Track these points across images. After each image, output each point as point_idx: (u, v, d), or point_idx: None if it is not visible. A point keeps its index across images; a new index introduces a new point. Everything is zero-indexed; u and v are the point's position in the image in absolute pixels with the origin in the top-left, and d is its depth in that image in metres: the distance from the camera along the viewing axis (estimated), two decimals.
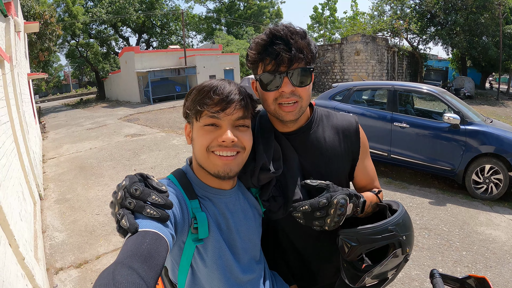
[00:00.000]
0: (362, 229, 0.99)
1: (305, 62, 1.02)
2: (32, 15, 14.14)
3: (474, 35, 19.98)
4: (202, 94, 0.92)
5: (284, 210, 1.10)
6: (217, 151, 0.92)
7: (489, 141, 4.79)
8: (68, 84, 52.19)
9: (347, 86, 6.47)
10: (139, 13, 31.15)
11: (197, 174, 1.00)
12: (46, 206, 5.35)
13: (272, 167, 1.07)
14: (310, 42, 1.04)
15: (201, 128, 0.93)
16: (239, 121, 0.95)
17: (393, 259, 1.00)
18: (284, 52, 0.97)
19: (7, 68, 4.24)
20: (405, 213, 1.07)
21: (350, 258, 1.03)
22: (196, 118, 0.94)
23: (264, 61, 1.02)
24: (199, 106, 0.91)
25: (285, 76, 1.01)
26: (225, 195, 1.01)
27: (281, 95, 1.03)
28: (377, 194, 1.15)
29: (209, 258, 0.92)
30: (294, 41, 0.98)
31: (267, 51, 1.00)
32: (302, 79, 1.03)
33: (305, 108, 1.10)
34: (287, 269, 1.26)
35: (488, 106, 15.52)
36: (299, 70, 1.01)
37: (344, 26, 28.58)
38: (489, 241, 3.76)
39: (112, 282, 0.57)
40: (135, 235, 0.70)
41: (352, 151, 1.21)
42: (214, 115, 0.91)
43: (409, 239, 1.03)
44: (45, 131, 13.36)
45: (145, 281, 0.60)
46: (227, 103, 0.91)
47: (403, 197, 5.02)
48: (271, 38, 1.00)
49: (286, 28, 1.00)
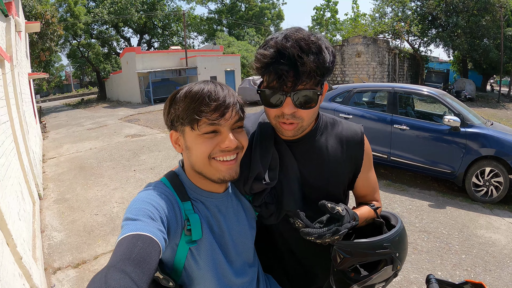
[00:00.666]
0: (357, 243, 0.98)
1: (314, 82, 0.94)
2: (34, 15, 14.16)
3: (475, 38, 19.98)
4: (197, 101, 0.87)
5: (276, 217, 1.08)
6: (219, 157, 0.91)
7: (490, 144, 4.77)
8: (69, 84, 52.21)
9: (347, 88, 6.47)
10: (141, 14, 31.19)
11: (189, 177, 0.99)
12: (45, 206, 5.35)
13: (267, 177, 1.04)
14: (325, 58, 0.91)
15: (199, 136, 0.89)
16: (237, 124, 0.93)
17: (382, 274, 1.00)
18: (287, 75, 0.90)
19: (7, 67, 4.24)
20: (403, 230, 1.05)
21: (342, 268, 1.02)
22: (192, 127, 0.89)
23: (268, 77, 0.96)
24: (196, 115, 0.86)
25: (288, 97, 0.94)
26: (217, 198, 1.00)
27: (282, 115, 0.98)
28: (375, 210, 1.11)
29: (202, 260, 0.92)
30: (302, 62, 0.88)
31: (269, 70, 0.92)
32: (307, 101, 0.96)
33: (306, 127, 1.04)
34: (282, 272, 1.25)
35: (489, 108, 15.51)
36: (305, 92, 0.94)
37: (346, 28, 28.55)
38: (489, 245, 3.74)
39: (105, 286, 0.57)
40: (128, 237, 0.70)
41: (356, 162, 1.16)
42: (214, 122, 0.88)
43: (402, 256, 1.03)
44: (45, 130, 13.37)
45: (138, 285, 0.60)
46: (226, 108, 0.88)
47: (402, 200, 5.00)
48: (276, 55, 0.90)
49: (295, 44, 0.89)
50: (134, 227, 0.73)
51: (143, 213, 0.78)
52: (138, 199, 0.84)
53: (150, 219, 0.78)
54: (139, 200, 0.84)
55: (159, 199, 0.86)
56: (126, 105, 22.56)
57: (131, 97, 24.61)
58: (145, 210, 0.80)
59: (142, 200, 0.84)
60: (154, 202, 0.83)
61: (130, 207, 0.81)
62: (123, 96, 26.37)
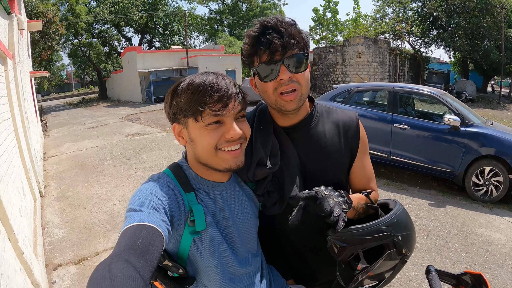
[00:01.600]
0: (351, 229, 0.95)
1: (298, 48, 1.02)
2: (36, 13, 14.20)
3: (476, 39, 19.97)
4: (200, 92, 0.88)
5: (279, 206, 1.09)
6: (224, 147, 0.92)
7: (489, 143, 4.78)
8: (70, 83, 52.30)
9: (348, 87, 6.48)
10: (142, 13, 31.22)
11: (193, 168, 1.00)
12: (46, 203, 5.37)
13: (269, 162, 1.06)
14: (301, 30, 1.04)
15: (203, 128, 0.90)
16: (240, 113, 0.95)
17: (387, 260, 0.97)
18: (277, 40, 0.98)
19: (9, 65, 4.26)
20: (402, 211, 1.02)
21: (341, 258, 1.00)
22: (195, 119, 0.90)
23: (259, 53, 1.02)
24: (199, 106, 0.88)
25: (282, 64, 1.00)
26: (221, 187, 1.01)
27: (280, 84, 1.03)
28: (367, 195, 1.10)
29: (206, 250, 0.92)
30: (285, 29, 0.99)
31: (260, 42, 1.00)
32: (298, 65, 1.03)
33: (305, 96, 1.09)
34: (285, 264, 1.25)
35: (489, 109, 15.51)
36: (294, 57, 1.01)
37: (347, 29, 28.53)
38: (488, 243, 3.75)
39: (109, 275, 0.58)
40: (132, 228, 0.71)
41: (351, 146, 1.18)
42: (218, 113, 0.89)
43: (406, 239, 0.98)
44: (46, 129, 13.38)
45: (141, 274, 0.61)
46: (228, 98, 0.90)
47: (402, 199, 5.01)
48: (262, 29, 1.00)
49: (275, 18, 1.01)
50: (137, 217, 0.74)
51: (146, 204, 0.79)
52: (141, 190, 0.85)
53: (153, 210, 0.78)
54: (142, 191, 0.84)
55: (163, 190, 0.86)
56: (127, 105, 22.57)
57: (132, 96, 24.63)
58: (149, 201, 0.80)
59: (146, 191, 0.84)
60: (158, 193, 0.84)
61: (134, 198, 0.82)
62: (124, 96, 26.39)
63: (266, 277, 1.13)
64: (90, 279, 0.59)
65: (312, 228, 1.15)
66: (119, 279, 0.57)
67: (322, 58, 20.75)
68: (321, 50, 21.04)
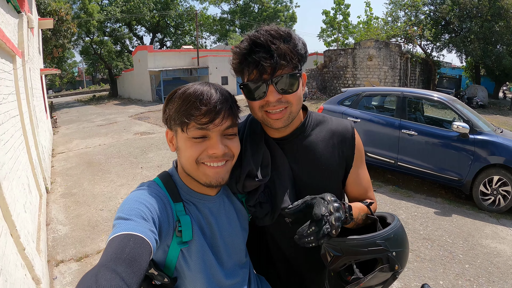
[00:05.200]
0: (348, 240, 0.93)
1: (291, 67, 0.96)
2: (49, 12, 14.40)
3: (489, 44, 19.66)
4: (188, 104, 0.86)
5: (270, 217, 1.07)
6: (207, 161, 0.90)
7: (499, 152, 4.69)
8: (81, 80, 52.96)
9: (356, 91, 6.43)
10: (154, 13, 31.44)
11: (182, 178, 0.99)
12: (52, 200, 5.43)
13: (259, 174, 1.03)
14: (296, 44, 0.97)
15: (188, 139, 0.89)
16: (228, 130, 0.92)
17: (379, 274, 0.94)
18: (265, 61, 0.91)
19: (18, 63, 4.31)
20: (399, 227, 1.00)
21: (333, 268, 0.98)
22: (182, 129, 0.89)
23: (246, 71, 0.97)
24: (185, 118, 0.86)
25: (270, 84, 0.95)
26: (209, 200, 1.00)
27: (267, 103, 0.98)
28: (368, 206, 1.07)
29: (193, 261, 0.92)
30: (275, 47, 0.92)
31: (247, 61, 0.94)
32: (289, 86, 0.97)
33: (295, 113, 1.04)
34: (275, 273, 1.24)
35: (500, 116, 15.25)
36: (285, 77, 0.95)
37: (358, 31, 28.31)
38: (494, 255, 3.68)
39: (95, 285, 0.57)
40: (120, 237, 0.70)
41: (346, 157, 1.15)
42: (202, 127, 0.87)
43: (400, 256, 0.96)
44: (56, 125, 13.56)
45: (128, 285, 0.60)
46: (216, 114, 0.87)
47: (408, 206, 4.95)
48: (251, 46, 0.94)
49: (266, 33, 0.93)
50: (126, 226, 0.73)
51: (135, 213, 0.78)
52: (130, 199, 0.84)
53: (142, 219, 0.78)
54: (131, 199, 0.84)
55: (152, 199, 0.86)
56: (137, 103, 22.76)
57: (142, 95, 24.83)
58: (138, 210, 0.80)
59: (135, 200, 0.84)
60: (147, 202, 0.83)
61: (123, 206, 0.81)
62: (134, 94, 26.61)
63: (254, 287, 1.12)
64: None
65: None
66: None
67: (332, 60, 20.62)
68: (332, 52, 20.92)
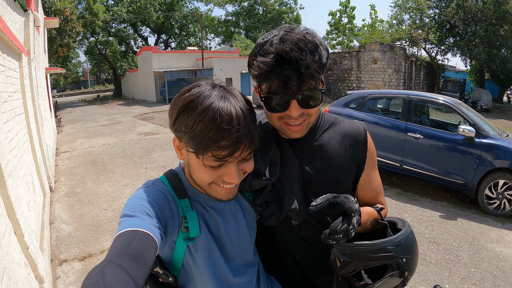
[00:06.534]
0: (358, 245, 0.91)
1: (316, 81, 0.91)
2: (54, 11, 14.46)
3: (493, 47, 19.56)
4: (206, 133, 0.78)
5: (276, 217, 1.04)
6: (220, 184, 0.88)
7: (504, 156, 4.65)
8: (86, 80, 53.24)
9: (362, 94, 6.41)
10: (159, 14, 31.56)
11: (188, 179, 0.97)
12: (56, 199, 5.44)
13: (267, 173, 1.01)
14: (322, 55, 0.91)
15: (202, 165, 0.84)
16: (247, 157, 0.88)
17: (388, 281, 0.93)
18: (294, 80, 0.87)
19: (24, 61, 4.32)
20: (410, 234, 0.98)
21: (342, 273, 0.96)
22: (197, 156, 0.83)
23: (271, 83, 0.90)
24: (202, 148, 0.80)
25: (293, 99, 0.91)
26: (215, 201, 0.98)
27: (288, 117, 0.95)
28: (379, 211, 1.04)
29: (200, 257, 0.91)
30: (305, 63, 0.85)
31: (272, 75, 0.88)
32: (312, 101, 0.94)
33: (313, 123, 1.02)
34: (284, 274, 1.21)
35: (505, 120, 15.16)
36: (309, 92, 0.91)
37: (363, 34, 28.28)
38: (499, 259, 3.64)
39: (102, 280, 0.57)
40: (125, 233, 0.70)
41: (358, 159, 1.12)
42: (221, 160, 0.82)
43: (410, 263, 0.94)
44: (60, 125, 13.61)
45: (135, 280, 0.60)
46: (237, 148, 0.81)
47: (413, 209, 4.92)
48: (278, 61, 0.86)
49: (295, 46, 0.86)
50: (131, 223, 0.74)
51: (140, 209, 0.79)
52: (135, 196, 0.84)
53: (147, 215, 0.78)
54: (136, 197, 0.84)
55: (156, 196, 0.86)
56: (141, 103, 22.84)
57: (147, 95, 24.93)
58: (142, 207, 0.80)
59: (140, 197, 0.84)
60: (151, 199, 0.83)
61: (128, 204, 0.81)
62: (138, 94, 26.73)
63: (264, 287, 1.10)
64: (83, 285, 0.58)
65: (312, 240, 1.12)
66: (112, 284, 0.57)
67: (337, 63, 20.61)
68: (336, 55, 20.90)
